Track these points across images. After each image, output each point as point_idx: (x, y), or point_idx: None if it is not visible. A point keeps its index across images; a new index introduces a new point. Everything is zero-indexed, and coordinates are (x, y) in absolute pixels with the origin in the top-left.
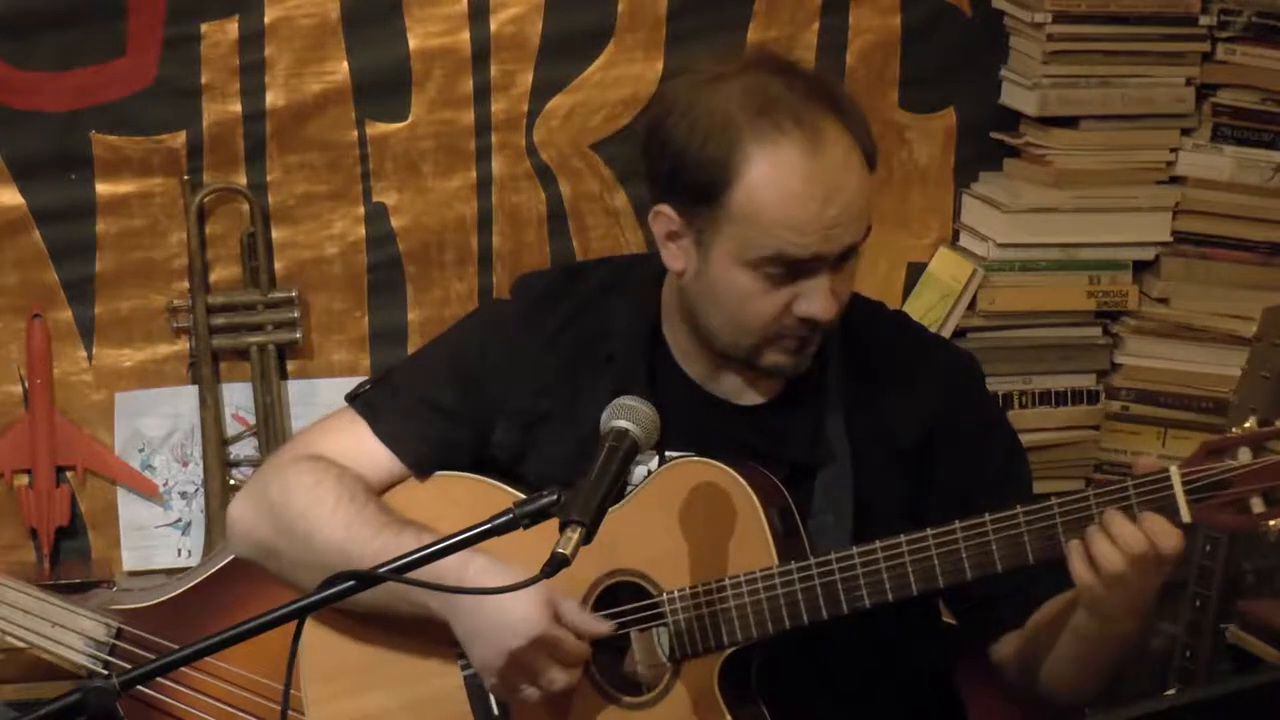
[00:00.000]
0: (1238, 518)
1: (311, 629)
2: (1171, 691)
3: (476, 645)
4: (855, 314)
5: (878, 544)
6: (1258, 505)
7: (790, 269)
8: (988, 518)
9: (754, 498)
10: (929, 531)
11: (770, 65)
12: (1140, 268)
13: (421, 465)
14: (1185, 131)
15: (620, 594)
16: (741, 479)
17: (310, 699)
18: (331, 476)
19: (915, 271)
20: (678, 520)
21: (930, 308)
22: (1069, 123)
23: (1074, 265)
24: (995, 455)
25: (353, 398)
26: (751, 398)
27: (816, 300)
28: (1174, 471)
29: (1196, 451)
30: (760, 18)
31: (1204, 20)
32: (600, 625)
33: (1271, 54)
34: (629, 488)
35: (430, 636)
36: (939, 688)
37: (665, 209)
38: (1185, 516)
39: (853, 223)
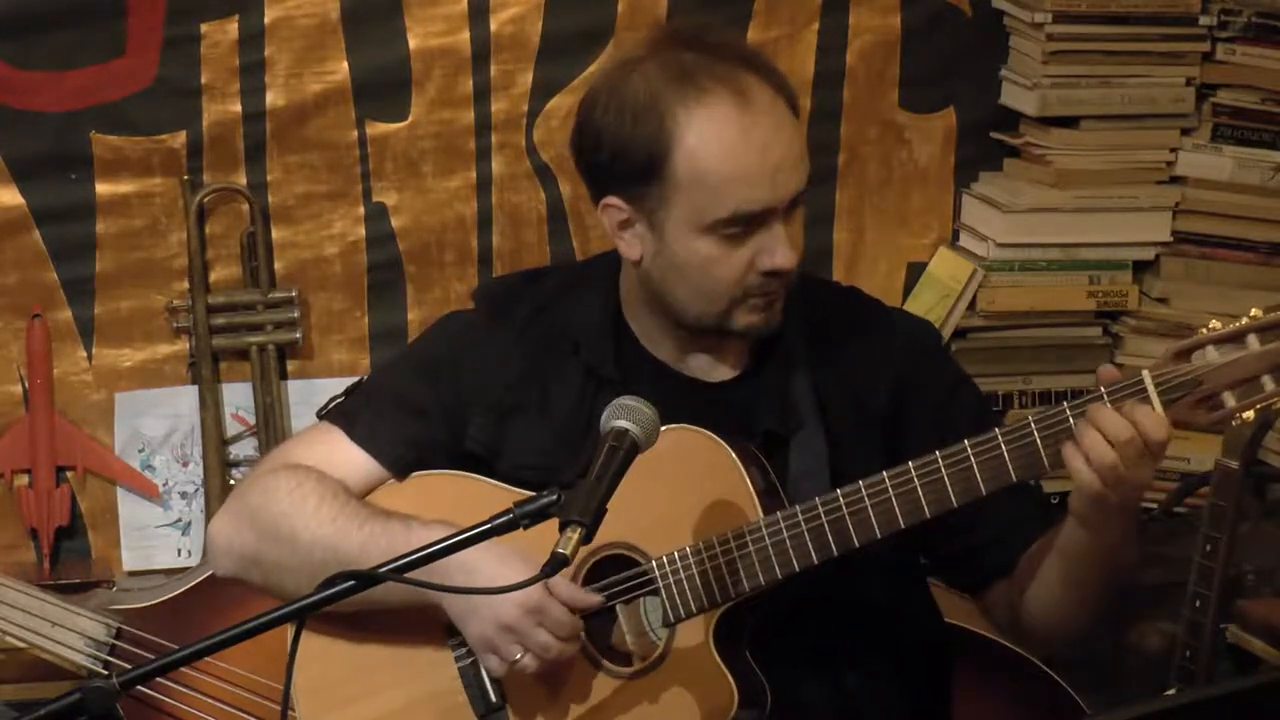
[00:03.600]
0: (1211, 414)
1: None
2: (1171, 691)
3: (471, 621)
4: (808, 287)
5: (861, 484)
6: (1230, 400)
7: (746, 226)
8: (967, 443)
9: (733, 456)
10: (910, 464)
11: (678, 39)
12: (1140, 268)
13: (399, 466)
14: (1185, 131)
15: (608, 568)
16: (719, 439)
17: (304, 715)
18: (312, 479)
19: (915, 271)
20: (658, 488)
21: (930, 308)
22: (1069, 123)
23: (1074, 265)
24: (967, 411)
25: (325, 411)
26: (720, 374)
27: (778, 251)
28: (1147, 375)
29: (1166, 354)
30: (760, 18)
31: (1204, 20)
32: (590, 598)
33: (1271, 54)
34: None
35: (420, 631)
36: (931, 657)
37: (612, 200)
38: None
39: (794, 167)
